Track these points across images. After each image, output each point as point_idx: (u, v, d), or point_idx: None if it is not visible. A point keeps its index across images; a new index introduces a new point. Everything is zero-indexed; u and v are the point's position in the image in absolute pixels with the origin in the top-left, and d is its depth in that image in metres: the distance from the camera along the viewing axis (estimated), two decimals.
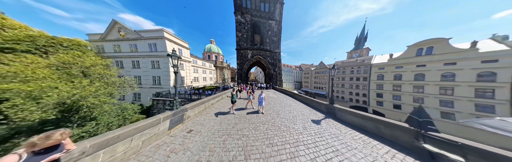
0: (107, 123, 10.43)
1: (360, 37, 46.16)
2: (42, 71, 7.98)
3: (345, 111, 4.89)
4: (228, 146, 3.10)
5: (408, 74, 20.88)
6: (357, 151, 2.97)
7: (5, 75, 7.09)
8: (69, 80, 9.08)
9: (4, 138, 6.92)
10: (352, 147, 3.16)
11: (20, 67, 7.70)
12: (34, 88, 7.17)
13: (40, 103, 7.20)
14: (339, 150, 3.00)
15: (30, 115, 7.02)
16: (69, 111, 8.70)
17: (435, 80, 18.15)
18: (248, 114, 5.90)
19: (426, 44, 18.86)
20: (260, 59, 17.52)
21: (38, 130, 7.44)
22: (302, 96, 9.59)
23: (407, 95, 20.90)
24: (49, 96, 7.23)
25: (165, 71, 17.04)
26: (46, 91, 7.38)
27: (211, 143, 3.26)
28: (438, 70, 17.90)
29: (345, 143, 3.31)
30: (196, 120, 5.01)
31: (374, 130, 3.81)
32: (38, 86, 7.27)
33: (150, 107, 15.29)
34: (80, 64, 9.65)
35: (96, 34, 18.09)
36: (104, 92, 9.77)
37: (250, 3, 15.18)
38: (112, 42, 17.61)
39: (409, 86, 20.73)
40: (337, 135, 3.77)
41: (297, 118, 5.40)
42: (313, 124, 4.67)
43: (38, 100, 7.22)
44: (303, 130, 4.11)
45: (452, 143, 2.35)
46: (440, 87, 17.73)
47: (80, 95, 8.28)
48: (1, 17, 11.86)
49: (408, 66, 20.91)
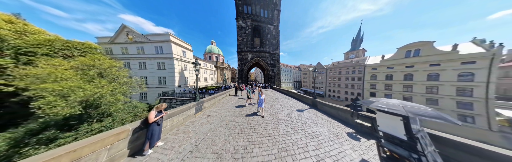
0: (121, 119, 11.55)
1: (356, 39, 47.66)
2: (69, 73, 9.13)
3: (324, 103, 6.25)
4: (237, 121, 5.09)
5: (398, 75, 22.25)
6: (320, 124, 4.65)
7: (41, 76, 8.25)
8: (90, 80, 10.23)
9: (38, 131, 8.12)
10: (318, 123, 4.84)
11: (51, 69, 8.85)
12: (64, 87, 8.33)
13: (68, 100, 8.37)
14: (307, 124, 4.70)
15: (61, 110, 8.18)
16: (90, 107, 9.87)
17: (422, 80, 19.53)
18: (249, 105, 7.76)
19: (414, 46, 20.25)
20: (259, 61, 18.83)
21: (63, 124, 8.63)
22: (295, 93, 10.87)
23: (397, 93, 22.25)
24: (76, 94, 8.40)
25: (171, 73, 18.19)
26: (73, 90, 8.54)
27: (226, 120, 5.10)
28: (424, 71, 19.28)
29: (314, 121, 5.00)
30: (211, 110, 6.65)
31: (336, 114, 5.56)
32: (67, 86, 8.43)
33: None
34: (99, 66, 10.77)
35: (105, 37, 19.19)
36: (120, 91, 10.92)
37: (251, 9, 16.66)
38: (120, 45, 18.73)
39: (399, 85, 22.10)
40: (311, 117, 5.48)
41: (285, 108, 7.07)
42: (296, 111, 6.45)
43: (66, 98, 8.39)
44: (287, 114, 5.92)
45: (368, 117, 4.02)
46: (427, 86, 19.11)
47: (100, 93, 9.42)
48: (23, 23, 13.07)
49: (398, 67, 22.29)
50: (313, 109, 6.85)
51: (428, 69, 18.90)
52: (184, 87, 20.40)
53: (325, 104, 6.24)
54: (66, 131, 8.71)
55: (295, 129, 4.26)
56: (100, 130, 9.91)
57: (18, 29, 12.27)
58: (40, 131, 8.33)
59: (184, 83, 20.84)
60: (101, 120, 10.36)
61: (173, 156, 2.84)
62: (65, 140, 8.09)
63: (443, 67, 17.60)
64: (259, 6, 16.76)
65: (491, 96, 14.49)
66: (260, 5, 16.91)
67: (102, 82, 10.30)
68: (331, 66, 37.74)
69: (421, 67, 19.61)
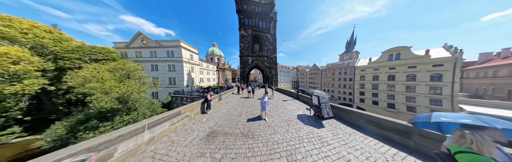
0: (143, 113, 13.87)
1: (350, 42, 50.44)
2: (107, 74, 11.47)
3: (303, 96, 8.70)
4: (244, 104, 8.12)
5: (383, 76, 24.83)
6: (293, 106, 7.30)
7: (90, 78, 10.59)
8: (121, 80, 12.57)
9: (82, 121, 10.46)
10: (292, 105, 7.58)
11: (95, 72, 11.18)
12: (106, 86, 10.68)
13: (109, 96, 10.71)
14: (285, 106, 7.38)
15: (105, 104, 10.54)
16: (122, 103, 12.20)
17: (402, 80, 22.11)
18: (248, 98, 10.61)
19: (395, 51, 22.86)
20: (259, 63, 21.57)
21: (101, 116, 10.90)
22: (285, 90, 13.38)
23: (382, 92, 24.82)
24: (115, 91, 10.73)
25: (180, 74, 20.55)
26: (112, 88, 10.88)
27: (238, 103, 7.90)
28: (404, 72, 21.87)
29: (290, 104, 7.54)
30: (226, 100, 9.45)
31: (306, 102, 8.12)
32: (108, 85, 10.78)
33: (170, 102, 18.74)
34: (128, 69, 13.09)
35: (121, 42, 21.53)
36: (143, 89, 13.26)
37: (251, 21, 19.79)
38: (134, 49, 21.07)
39: (384, 85, 24.67)
40: (290, 103, 8.11)
41: (275, 99, 9.76)
42: (281, 101, 9.07)
43: (108, 94, 10.73)
44: (275, 102, 8.72)
45: (309, 96, 6.32)
46: (406, 86, 21.68)
47: (131, 91, 11.77)
48: (59, 32, 15.43)
49: (382, 69, 24.87)
50: (295, 100, 9.62)
51: (407, 71, 21.49)
52: (191, 86, 22.74)
53: (304, 96, 8.76)
54: (104, 121, 10.99)
55: (277, 106, 7.02)
56: (129, 121, 12.25)
57: (56, 38, 14.58)
58: (85, 121, 10.69)
59: (191, 83, 23.20)
60: (129, 113, 12.69)
61: (218, 114, 5.87)
62: (105, 128, 10.43)
63: (419, 69, 20.20)
64: (258, 19, 19.98)
65: (455, 94, 17.06)
66: (259, 18, 20.14)
67: (130, 82, 12.64)
68: (326, 68, 40.33)
69: (401, 69, 22.20)
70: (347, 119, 4.48)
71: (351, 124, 4.32)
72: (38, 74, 12.28)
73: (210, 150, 2.81)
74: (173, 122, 3.89)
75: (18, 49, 11.16)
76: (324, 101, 4.40)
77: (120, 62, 12.98)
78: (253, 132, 3.74)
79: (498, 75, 19.72)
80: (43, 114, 15.80)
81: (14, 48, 10.92)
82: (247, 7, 20.04)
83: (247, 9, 20.31)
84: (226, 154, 2.66)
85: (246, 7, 20.06)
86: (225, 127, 4.15)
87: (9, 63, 10.60)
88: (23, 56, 11.25)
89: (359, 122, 4.06)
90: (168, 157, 2.60)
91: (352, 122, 4.32)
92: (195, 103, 5.45)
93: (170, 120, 3.75)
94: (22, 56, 11.18)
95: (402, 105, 21.72)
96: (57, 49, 14.15)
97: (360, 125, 4.04)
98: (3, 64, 10.35)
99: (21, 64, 11.13)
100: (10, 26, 11.63)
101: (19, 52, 11.06)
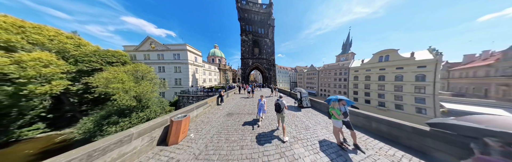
0: (154, 110, 15.42)
1: (346, 43, 52.39)
2: (126, 76, 13.06)
3: (293, 93, 10.47)
4: (247, 100, 9.55)
5: (374, 76, 26.62)
6: (284, 101, 8.78)
7: (112, 79, 12.16)
8: (136, 81, 14.16)
9: (105, 117, 12.02)
10: (284, 100, 8.99)
11: (115, 74, 12.77)
12: (127, 86, 12.26)
13: (128, 95, 12.28)
14: (270, 95, 9.48)
15: (125, 102, 12.11)
16: (138, 101, 13.77)
17: (391, 80, 23.89)
18: (248, 98, 11.83)
19: (384, 53, 24.68)
20: (258, 65, 23.44)
21: (119, 113, 12.41)
22: (282, 89, 15.09)
23: (374, 92, 26.58)
24: (133, 91, 12.31)
25: (185, 75, 22.17)
26: (131, 88, 12.45)
27: (242, 100, 9.44)
28: (392, 73, 23.65)
29: (283, 99, 8.97)
30: (231, 97, 11.00)
31: (295, 98, 9.45)
32: (128, 85, 12.34)
33: (177, 101, 20.34)
34: (142, 71, 14.67)
35: (130, 46, 23.14)
36: (155, 89, 14.85)
37: (251, 28, 21.90)
38: (143, 52, 22.69)
39: (375, 85, 26.44)
40: (284, 98, 9.57)
41: (273, 97, 11.29)
42: (278, 97, 10.39)
43: (127, 93, 12.30)
44: (274, 98, 10.25)
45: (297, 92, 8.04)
46: (394, 85, 23.45)
47: (146, 90, 13.36)
48: (78, 38, 17.02)
49: (374, 70, 26.66)
50: (288, 96, 11.55)
51: (395, 71, 23.27)
52: (195, 87, 24.35)
53: (293, 93, 10.54)
54: (123, 117, 12.55)
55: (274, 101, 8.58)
56: (143, 117, 13.81)
57: (76, 43, 16.19)
58: (107, 117, 12.28)
59: (195, 83, 24.82)
60: (143, 110, 14.26)
61: (229, 105, 7.81)
62: (124, 123, 11.99)
63: (405, 70, 21.99)
64: (257, 26, 22.03)
65: (436, 92, 18.84)
66: (258, 25, 22.32)
67: (145, 82, 14.25)
68: (322, 69, 42.14)
69: (390, 70, 23.99)
70: (319, 107, 6.41)
71: (319, 110, 6.34)
72: (63, 76, 13.86)
73: (231, 120, 5.08)
74: (204, 107, 6.07)
75: (47, 54, 12.75)
76: (305, 96, 6.16)
77: (136, 65, 14.57)
78: (255, 113, 5.64)
79: (477, 75, 21.61)
80: (62, 112, 17.35)
81: (44, 54, 12.50)
82: (247, 15, 22.42)
83: (247, 17, 22.80)
84: (240, 121, 4.95)
85: (247, 16, 22.45)
86: (236, 111, 6.45)
87: (41, 66, 12.18)
88: (51, 60, 12.84)
89: (324, 108, 6.07)
90: (209, 121, 4.89)
91: (321, 109, 6.33)
92: (214, 97, 7.41)
93: (202, 106, 5.89)
94: (51, 60, 12.77)
95: (391, 103, 23.48)
96: (77, 53, 15.74)
97: (324, 110, 6.00)
98: (37, 67, 11.94)
99: (50, 67, 12.72)
100: (40, 34, 13.23)
101: (49, 57, 12.66)
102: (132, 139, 2.44)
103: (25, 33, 12.50)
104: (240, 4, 21.72)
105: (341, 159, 2.58)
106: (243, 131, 4.00)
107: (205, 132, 3.89)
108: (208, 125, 4.54)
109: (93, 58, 16.25)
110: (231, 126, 4.43)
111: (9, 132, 13.10)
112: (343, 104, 2.98)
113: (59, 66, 13.31)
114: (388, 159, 2.54)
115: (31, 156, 11.71)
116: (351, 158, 2.59)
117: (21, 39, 12.17)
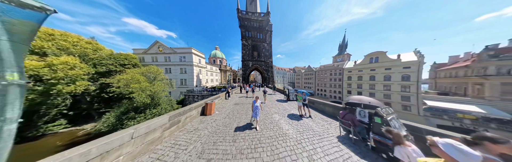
0: (165, 108, 17.15)
1: (342, 45, 54.43)
2: (141, 77, 14.84)
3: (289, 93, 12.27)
4: (245, 99, 10.77)
5: (366, 76, 28.53)
6: (277, 96, 11.16)
7: (130, 80, 13.93)
8: (150, 82, 15.94)
9: (124, 113, 13.79)
10: (278, 96, 11.16)
11: (132, 75, 14.53)
12: (143, 86, 14.05)
13: (145, 93, 14.05)
14: (273, 96, 11.26)
15: (143, 99, 13.90)
16: (152, 99, 15.54)
17: (381, 80, 25.80)
18: (248, 97, 13.47)
19: (374, 55, 26.63)
20: (258, 67, 25.49)
21: (136, 109, 14.16)
22: (278, 88, 16.91)
23: (365, 91, 28.46)
24: (149, 90, 14.08)
25: (190, 76, 24.01)
26: (147, 88, 14.22)
27: (244, 97, 11.29)
28: (382, 73, 25.57)
29: (276, 95, 11.28)
30: (234, 96, 12.53)
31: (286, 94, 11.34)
32: (144, 85, 14.09)
33: (183, 99, 22.16)
34: (154, 73, 16.46)
35: (139, 49, 25.01)
36: (165, 89, 16.62)
37: (251, 34, 24.11)
38: (151, 55, 24.55)
39: (366, 84, 28.34)
40: (278, 95, 11.86)
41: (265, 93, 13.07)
42: (274, 94, 12.29)
43: (144, 92, 14.06)
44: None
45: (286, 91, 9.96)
46: (384, 85, 25.36)
47: (159, 90, 15.15)
48: (96, 43, 18.87)
49: (365, 70, 28.59)
50: (282, 94, 13.17)
51: (384, 72, 25.20)
52: (199, 87, 26.19)
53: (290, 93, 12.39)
54: (138, 113, 14.31)
55: (271, 96, 10.35)
56: (155, 113, 15.56)
57: (94, 47, 18.03)
58: (126, 113, 14.07)
59: (199, 83, 26.66)
60: (155, 107, 16.01)
61: (235, 99, 10.01)
62: (140, 118, 13.77)
63: (393, 70, 23.91)
64: (256, 31, 24.02)
65: (420, 91, 20.73)
66: (257, 31, 24.37)
67: (158, 82, 16.05)
68: (319, 69, 44.06)
69: (379, 70, 25.91)
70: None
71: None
72: (85, 77, 15.66)
73: (237, 107, 7.23)
74: (218, 99, 8.10)
75: (73, 58, 14.58)
76: (292, 92, 8.06)
77: (149, 68, 16.38)
78: None
79: (458, 75, 23.54)
80: (80, 110, 19.13)
81: (70, 58, 14.33)
82: (247, 23, 25.07)
83: (247, 25, 25.55)
84: (244, 107, 6.85)
85: (246, 23, 25.15)
86: (240, 102, 8.34)
87: (68, 69, 13.99)
88: (76, 64, 14.66)
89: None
90: (223, 107, 7.19)
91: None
92: (223, 93, 9.51)
93: (217, 98, 7.86)
94: (75, 63, 14.59)
95: (381, 101, 25.34)
96: (95, 56, 17.57)
97: None
98: (64, 70, 13.75)
99: (75, 69, 14.53)
100: (66, 40, 15.07)
101: (74, 60, 14.48)
102: (192, 109, 4.95)
103: (54, 40, 14.33)
104: (241, 14, 24.31)
105: (298, 120, 5.08)
106: (246, 112, 6.37)
107: (224, 111, 6.54)
108: (224, 109, 7.07)
109: (109, 61, 18.06)
110: (238, 110, 6.83)
111: (38, 127, 14.89)
112: (304, 94, 5.40)
113: (82, 68, 15.11)
114: (322, 120, 5.04)
115: (60, 147, 13.48)
116: (303, 120, 5.03)
117: (51, 45, 13.99)
